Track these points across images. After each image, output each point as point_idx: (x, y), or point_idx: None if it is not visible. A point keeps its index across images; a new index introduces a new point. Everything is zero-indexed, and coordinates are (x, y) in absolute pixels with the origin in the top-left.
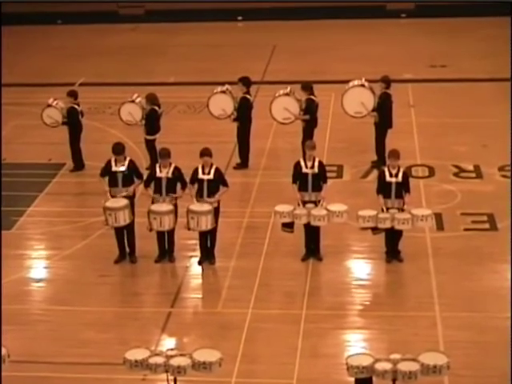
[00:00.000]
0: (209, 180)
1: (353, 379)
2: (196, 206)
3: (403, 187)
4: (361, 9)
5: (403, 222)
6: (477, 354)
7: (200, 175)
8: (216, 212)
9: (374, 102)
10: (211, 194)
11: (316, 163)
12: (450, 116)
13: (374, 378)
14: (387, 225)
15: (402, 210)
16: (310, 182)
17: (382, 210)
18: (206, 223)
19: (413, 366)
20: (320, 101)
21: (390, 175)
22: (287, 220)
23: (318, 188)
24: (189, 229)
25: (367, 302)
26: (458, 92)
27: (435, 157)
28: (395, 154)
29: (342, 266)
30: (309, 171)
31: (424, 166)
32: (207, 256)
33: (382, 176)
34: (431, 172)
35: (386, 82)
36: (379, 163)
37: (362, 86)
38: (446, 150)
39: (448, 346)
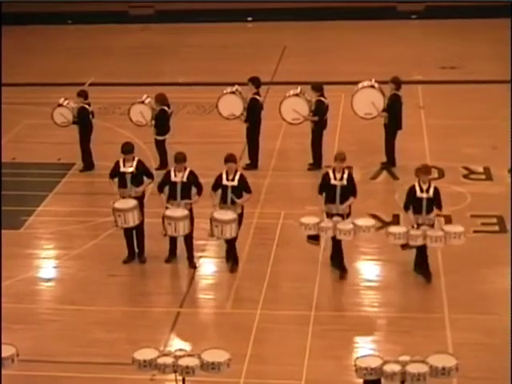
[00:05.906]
0: (233, 186)
1: (361, 381)
2: (220, 215)
3: (434, 203)
4: (371, 10)
5: (436, 240)
6: (486, 357)
7: (224, 181)
8: (240, 219)
9: (383, 103)
10: (234, 200)
11: (345, 175)
12: (459, 118)
13: (382, 380)
14: (419, 242)
15: (432, 226)
16: (337, 195)
17: (413, 227)
18: (230, 231)
19: (422, 368)
20: (330, 102)
21: (421, 190)
22: (312, 232)
23: (346, 201)
24: (212, 236)
25: (376, 304)
26: (468, 93)
27: (445, 158)
28: (426, 170)
29: (350, 267)
30: (337, 183)
31: (434, 167)
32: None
33: (412, 191)
34: (441, 174)
35: (396, 83)
36: (389, 164)
37: (372, 87)
38: (456, 151)
39: (457, 348)
